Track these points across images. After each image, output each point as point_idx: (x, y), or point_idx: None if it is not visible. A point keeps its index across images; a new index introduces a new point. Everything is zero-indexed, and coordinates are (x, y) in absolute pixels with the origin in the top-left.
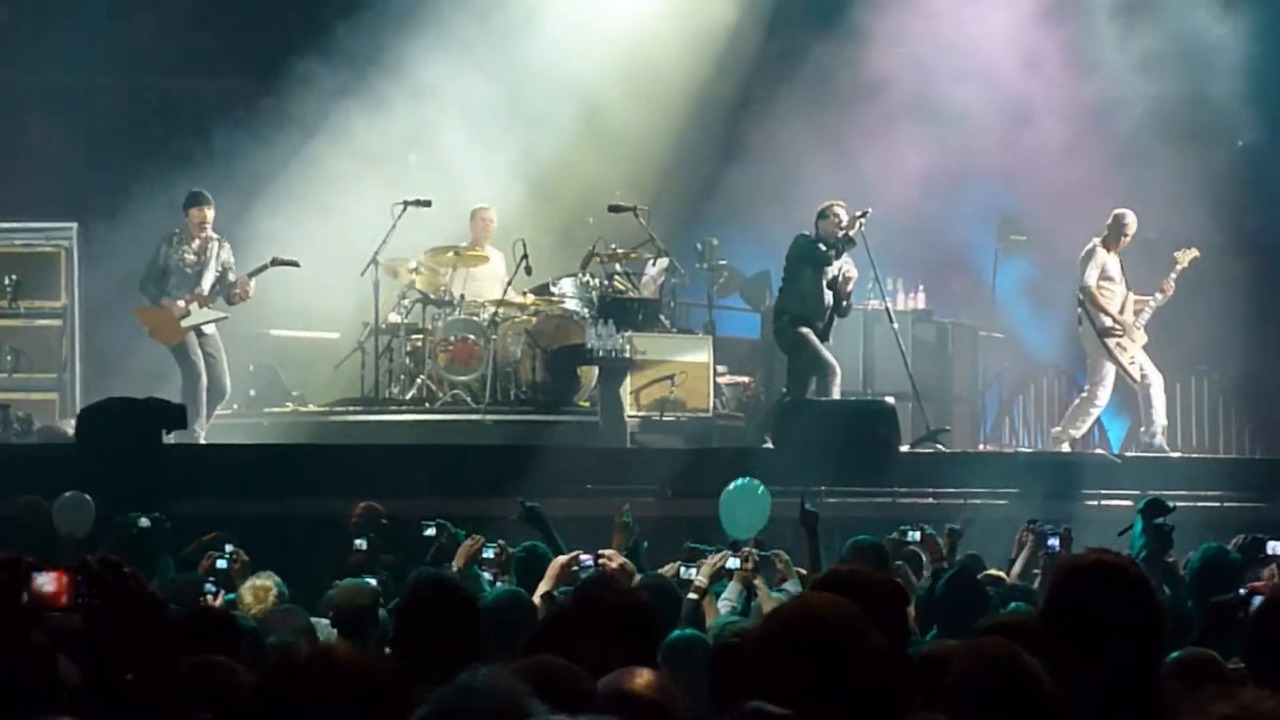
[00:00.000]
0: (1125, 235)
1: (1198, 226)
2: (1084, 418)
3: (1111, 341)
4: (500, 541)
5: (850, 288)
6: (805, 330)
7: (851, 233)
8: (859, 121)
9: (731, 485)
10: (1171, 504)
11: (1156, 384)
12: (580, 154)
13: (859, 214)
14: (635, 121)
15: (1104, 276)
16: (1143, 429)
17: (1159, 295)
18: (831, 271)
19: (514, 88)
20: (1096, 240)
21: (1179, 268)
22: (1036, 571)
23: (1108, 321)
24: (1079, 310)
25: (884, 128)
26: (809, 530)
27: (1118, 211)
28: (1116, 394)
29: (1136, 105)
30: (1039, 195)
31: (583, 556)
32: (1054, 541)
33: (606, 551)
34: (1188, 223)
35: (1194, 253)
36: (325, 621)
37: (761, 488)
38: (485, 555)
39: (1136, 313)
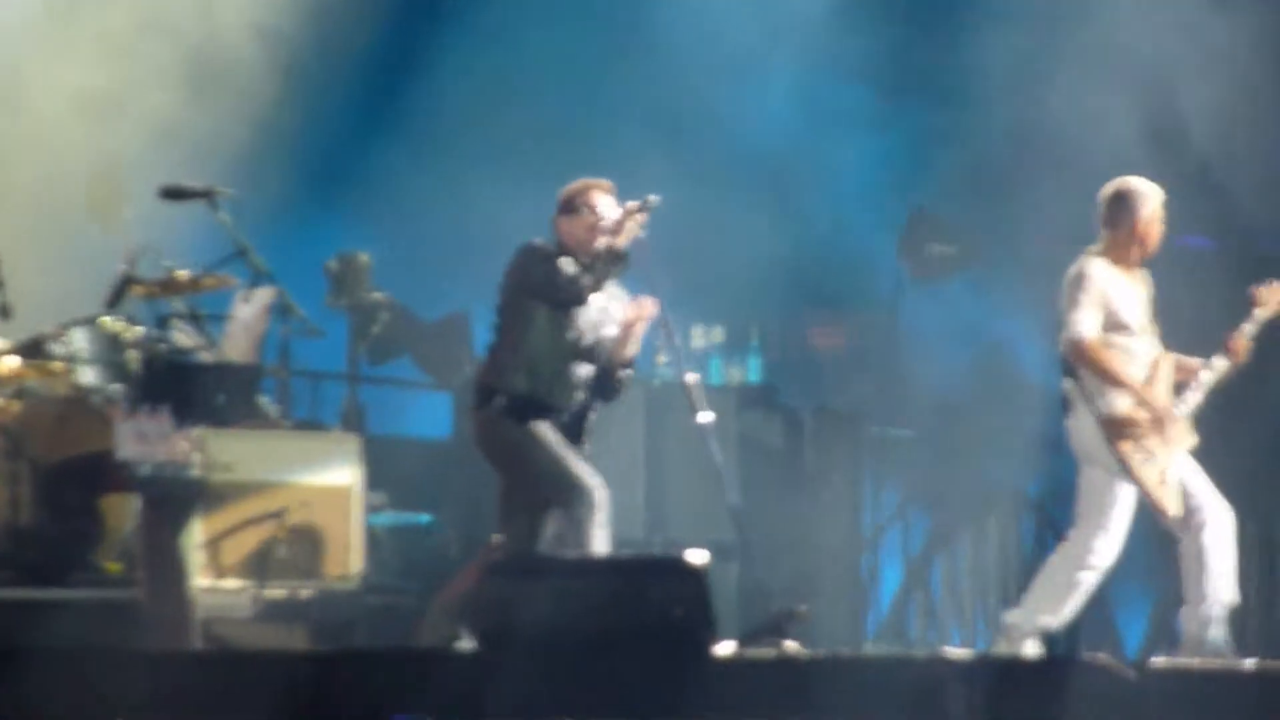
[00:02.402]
0: (1144, 231)
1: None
2: (1069, 589)
3: (1126, 444)
4: None
5: (626, 373)
6: (536, 425)
7: (620, 242)
8: (622, 31)
9: None
10: None
11: (1215, 523)
12: (113, 94)
13: (637, 204)
14: (212, 42)
15: (1114, 323)
16: (1184, 608)
17: (1219, 360)
18: (586, 316)
19: None
20: (1092, 251)
21: (1260, 314)
22: None
23: (1120, 405)
24: (1065, 385)
25: (674, 33)
26: None
27: (1122, 186)
28: (1136, 542)
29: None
30: (984, 164)
31: None
32: None
33: None
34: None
35: None
36: None
37: None
38: None
39: (1178, 390)
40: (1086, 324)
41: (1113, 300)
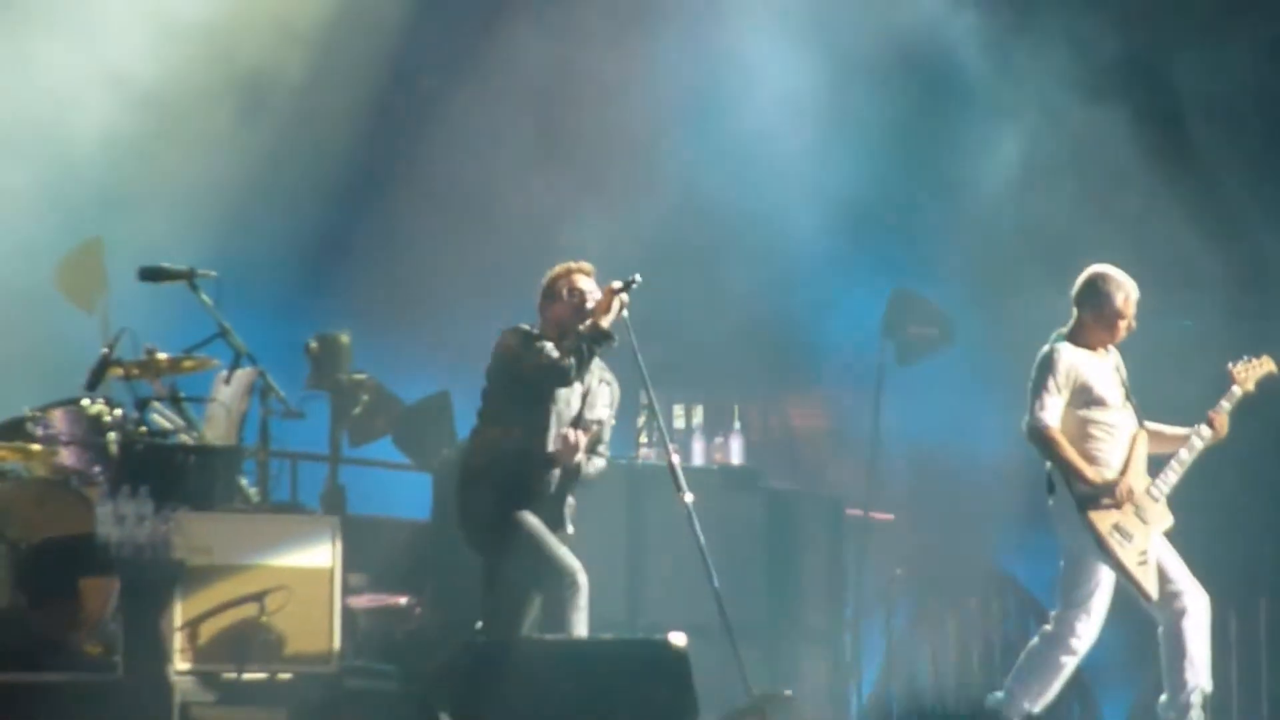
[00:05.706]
0: (1118, 317)
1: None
2: (1050, 672)
3: (1105, 524)
4: None
5: (605, 436)
6: (517, 508)
7: (606, 322)
8: (609, 108)
9: None
10: None
11: (1194, 610)
12: (95, 179)
13: (619, 285)
14: (195, 121)
15: (1090, 399)
16: (1163, 698)
17: (1199, 436)
18: (568, 399)
19: None
20: (1060, 332)
21: (1237, 392)
22: None
23: (1089, 486)
24: (1048, 466)
25: (660, 114)
26: None
27: (1097, 273)
28: (1116, 625)
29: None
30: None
31: None
32: None
33: None
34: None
35: (1269, 366)
36: None
37: None
38: None
39: (1161, 460)
40: (1048, 411)
41: (1085, 377)
